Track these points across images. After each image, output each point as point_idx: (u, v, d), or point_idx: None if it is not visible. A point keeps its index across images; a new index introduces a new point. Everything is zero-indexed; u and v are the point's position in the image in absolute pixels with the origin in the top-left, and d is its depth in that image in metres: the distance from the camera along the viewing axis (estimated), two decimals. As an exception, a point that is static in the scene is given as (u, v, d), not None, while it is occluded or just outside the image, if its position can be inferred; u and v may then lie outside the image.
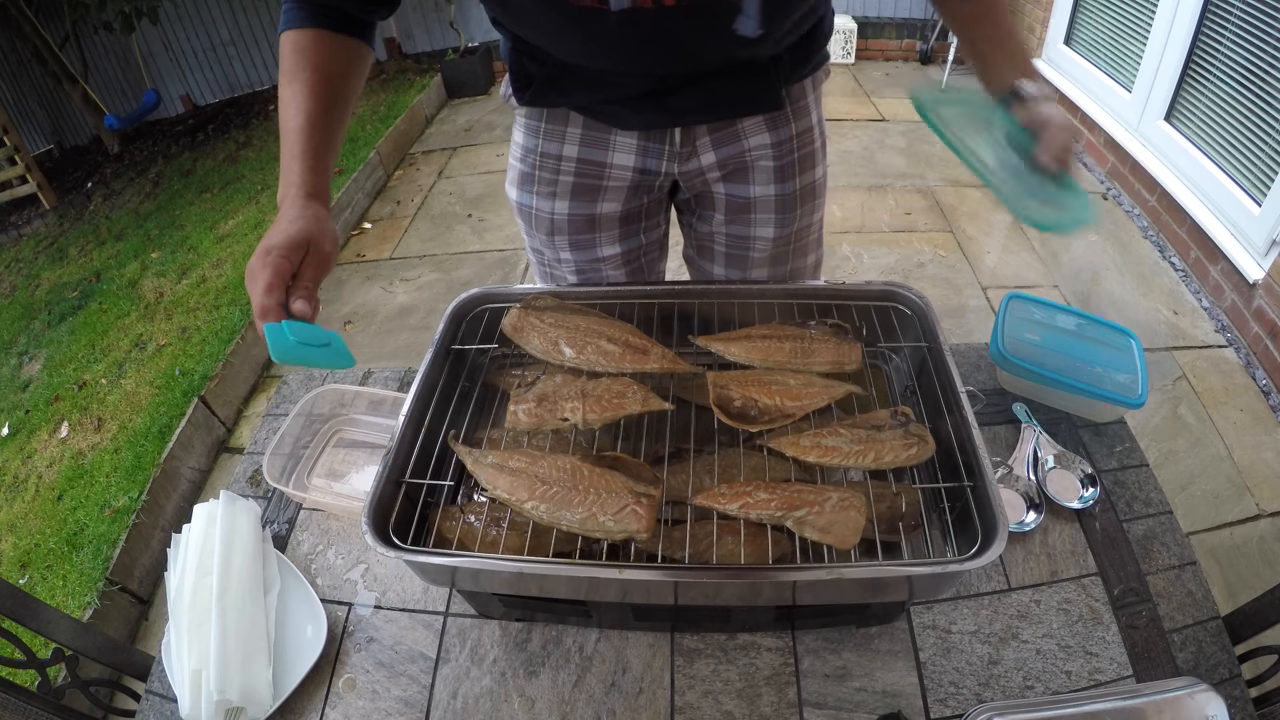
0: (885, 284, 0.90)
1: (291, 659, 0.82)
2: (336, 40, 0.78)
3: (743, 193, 1.02)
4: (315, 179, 0.73)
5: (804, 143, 0.99)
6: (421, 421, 0.80)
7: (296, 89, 0.75)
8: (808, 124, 0.99)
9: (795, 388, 0.81)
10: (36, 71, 4.19)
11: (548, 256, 1.10)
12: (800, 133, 0.98)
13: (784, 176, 1.00)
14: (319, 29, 0.77)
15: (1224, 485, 1.92)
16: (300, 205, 0.70)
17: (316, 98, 0.75)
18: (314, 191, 0.72)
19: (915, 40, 4.49)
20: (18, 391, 2.68)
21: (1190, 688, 0.65)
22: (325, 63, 0.77)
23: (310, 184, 0.72)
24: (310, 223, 0.69)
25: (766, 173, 0.99)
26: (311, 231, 0.68)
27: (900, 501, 0.78)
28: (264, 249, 0.66)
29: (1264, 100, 2.33)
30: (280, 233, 0.67)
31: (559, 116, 0.96)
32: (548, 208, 1.03)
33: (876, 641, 0.81)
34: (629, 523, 0.68)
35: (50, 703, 0.89)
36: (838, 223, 3.03)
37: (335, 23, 0.78)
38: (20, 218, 4.00)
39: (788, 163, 0.99)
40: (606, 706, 0.78)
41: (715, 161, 0.97)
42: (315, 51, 0.77)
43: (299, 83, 0.75)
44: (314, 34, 0.77)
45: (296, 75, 0.75)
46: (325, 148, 0.75)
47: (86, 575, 1.84)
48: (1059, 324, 1.04)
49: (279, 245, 0.66)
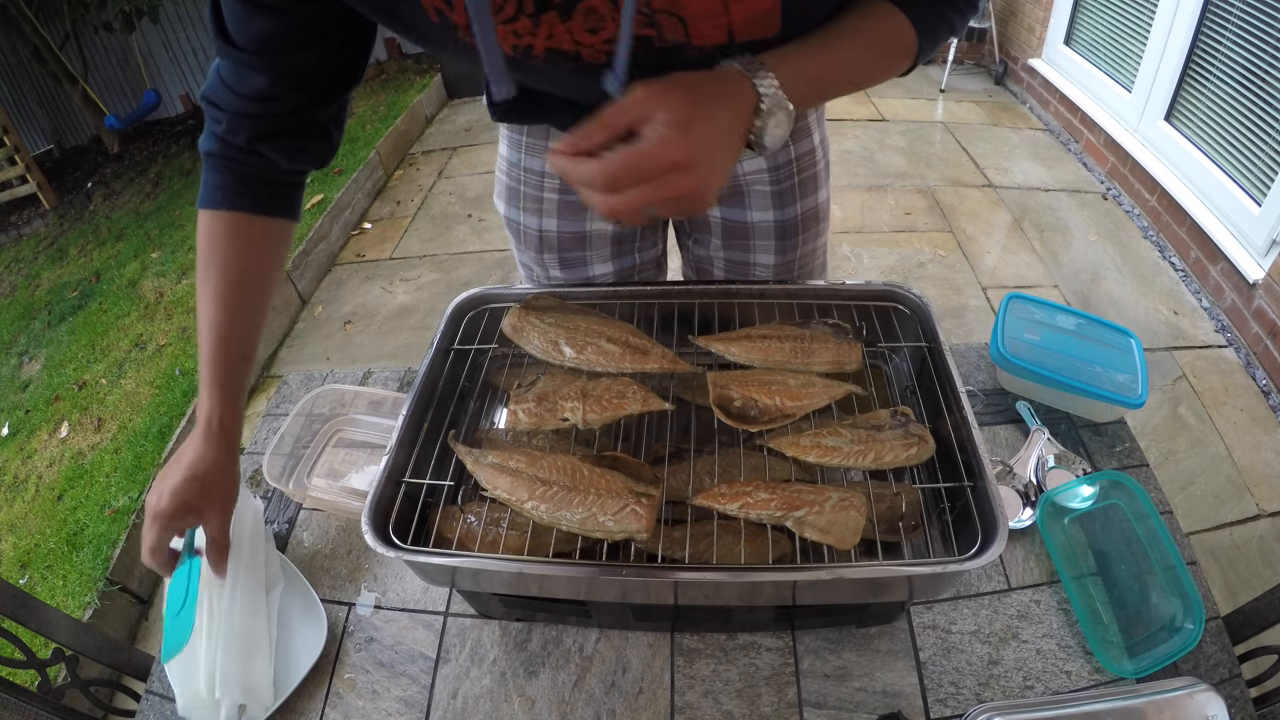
0: (885, 284, 0.90)
1: (291, 659, 0.82)
2: (253, 226, 0.73)
3: (739, 217, 0.98)
4: (223, 409, 0.72)
5: (805, 165, 0.95)
6: (421, 421, 0.80)
7: (207, 293, 0.72)
8: (809, 145, 0.94)
9: (795, 388, 0.81)
10: (36, 71, 4.19)
11: (537, 273, 1.07)
12: (800, 155, 0.93)
13: (783, 202, 0.96)
14: (234, 212, 0.72)
15: (1224, 485, 1.92)
16: (198, 452, 0.71)
17: (226, 306, 0.72)
18: (222, 426, 0.72)
19: (915, 40, 4.48)
20: (18, 391, 2.68)
21: (1190, 688, 0.65)
22: (238, 259, 0.72)
23: (219, 416, 0.72)
24: (197, 485, 0.70)
25: (764, 197, 0.95)
26: (193, 496, 0.70)
27: (900, 501, 0.78)
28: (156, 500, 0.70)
29: (1264, 100, 2.33)
30: (163, 492, 0.70)
31: (539, 132, 0.92)
32: (535, 224, 0.99)
33: (876, 641, 0.81)
34: (629, 523, 0.68)
35: (50, 703, 0.89)
36: (838, 223, 3.03)
37: (254, 196, 0.72)
38: (20, 218, 4.00)
39: (787, 187, 0.94)
40: (606, 706, 0.78)
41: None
42: (228, 246, 0.72)
43: (209, 285, 0.72)
44: (228, 221, 0.72)
45: (208, 275, 0.72)
46: (237, 366, 0.73)
47: (86, 575, 1.84)
48: (1059, 324, 1.04)
49: (152, 513, 0.70)
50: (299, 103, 0.69)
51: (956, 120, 3.79)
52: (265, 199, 0.73)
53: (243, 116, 0.68)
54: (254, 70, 0.65)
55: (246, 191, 0.72)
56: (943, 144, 3.57)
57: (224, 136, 0.70)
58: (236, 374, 0.73)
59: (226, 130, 0.69)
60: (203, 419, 0.72)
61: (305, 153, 0.73)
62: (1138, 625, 0.79)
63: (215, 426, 0.71)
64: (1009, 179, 3.27)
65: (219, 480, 0.72)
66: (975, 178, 3.29)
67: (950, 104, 3.96)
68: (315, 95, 0.69)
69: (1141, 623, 0.80)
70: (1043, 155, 3.45)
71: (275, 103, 0.68)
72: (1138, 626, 0.79)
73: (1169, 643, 0.76)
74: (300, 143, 0.72)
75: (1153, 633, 0.78)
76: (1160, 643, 0.77)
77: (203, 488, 0.70)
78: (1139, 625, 0.79)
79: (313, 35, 0.63)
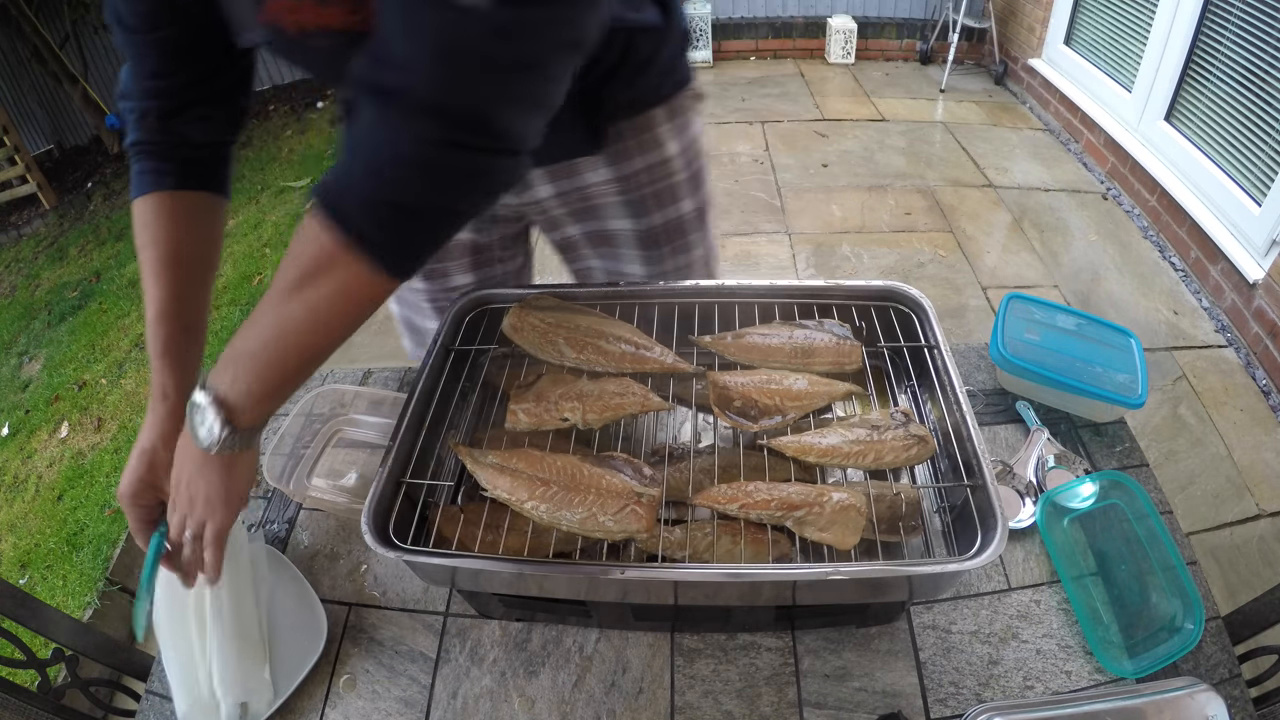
0: (885, 284, 0.90)
1: (292, 659, 0.82)
2: (179, 202, 0.76)
3: (599, 226, 0.98)
4: (166, 379, 0.73)
5: (658, 176, 0.93)
6: (421, 421, 0.80)
7: (146, 272, 0.74)
8: (660, 157, 0.92)
9: (795, 388, 0.81)
10: (36, 71, 4.19)
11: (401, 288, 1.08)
12: (651, 165, 0.92)
13: (638, 211, 0.95)
14: (160, 192, 0.75)
15: (1224, 485, 1.92)
16: (150, 420, 0.73)
17: (163, 282, 0.74)
18: (165, 395, 0.73)
19: (915, 40, 4.49)
20: (18, 391, 2.69)
21: (1190, 688, 0.65)
22: (171, 236, 0.75)
23: (162, 386, 0.73)
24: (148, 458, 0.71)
25: (618, 207, 0.95)
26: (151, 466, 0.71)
27: (900, 501, 0.78)
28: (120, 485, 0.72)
29: (1264, 100, 2.33)
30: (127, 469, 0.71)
31: None
32: None
33: (876, 641, 0.81)
34: (629, 523, 0.68)
35: (50, 703, 0.89)
36: (838, 223, 3.04)
37: (176, 174, 0.75)
38: (20, 218, 3.99)
39: (637, 198, 0.94)
40: (606, 706, 0.78)
41: (554, 195, 0.93)
42: (158, 225, 0.74)
43: (146, 265, 0.74)
44: (156, 201, 0.75)
45: (144, 255, 0.74)
46: (179, 338, 0.75)
47: (86, 575, 1.84)
48: (1059, 324, 1.04)
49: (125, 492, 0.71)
50: (199, 73, 0.73)
51: (956, 120, 3.79)
52: (188, 175, 0.76)
53: (150, 99, 0.73)
54: (151, 50, 0.70)
55: (168, 170, 0.75)
56: (943, 144, 3.57)
57: (139, 124, 0.74)
58: (179, 344, 0.74)
59: (140, 118, 0.73)
60: (154, 393, 0.73)
61: (213, 121, 0.77)
62: (1138, 625, 0.79)
63: (160, 395, 0.73)
64: (1009, 179, 3.27)
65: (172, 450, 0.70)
66: (975, 178, 3.29)
67: (950, 104, 3.96)
68: (213, 64, 0.73)
69: (1141, 623, 0.80)
70: (1043, 155, 3.45)
71: (175, 77, 0.72)
72: (1138, 626, 0.79)
73: (1169, 643, 0.76)
74: (207, 111, 0.75)
75: (1153, 633, 0.78)
76: (1160, 643, 0.77)
77: (153, 461, 0.71)
78: (1139, 625, 0.79)
79: (197, 6, 0.67)
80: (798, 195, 3.23)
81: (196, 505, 0.66)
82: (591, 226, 0.99)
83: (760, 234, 2.99)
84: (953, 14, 3.93)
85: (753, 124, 3.85)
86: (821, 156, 3.52)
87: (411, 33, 0.48)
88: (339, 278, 0.55)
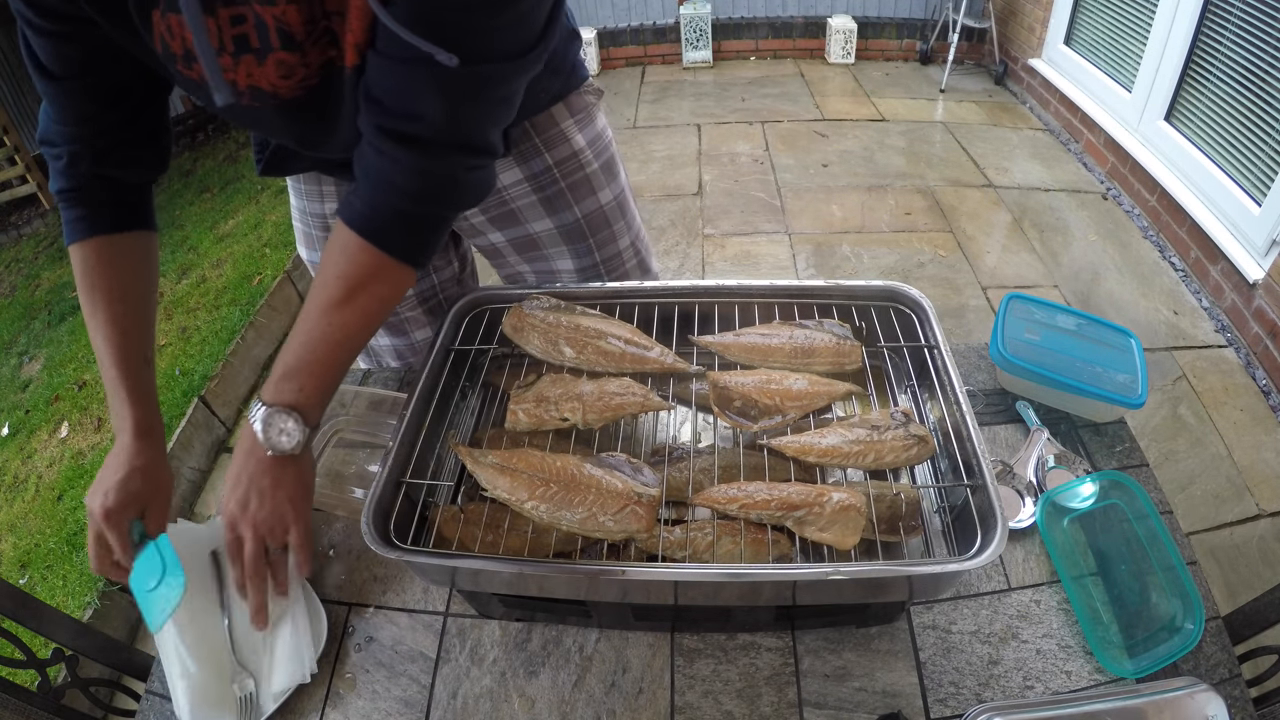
0: (885, 284, 0.90)
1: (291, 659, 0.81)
2: (117, 245, 0.78)
3: (520, 232, 1.00)
4: (138, 412, 0.76)
5: (568, 171, 0.96)
6: (421, 421, 0.80)
7: (97, 317, 0.77)
8: (567, 151, 0.95)
9: (795, 388, 0.81)
10: (36, 71, 4.19)
11: None
12: (559, 161, 0.95)
13: (556, 208, 0.98)
14: (97, 237, 0.77)
15: (1224, 485, 1.92)
16: (130, 451, 0.75)
17: (116, 322, 0.77)
18: (144, 428, 0.77)
19: (915, 40, 4.49)
20: (18, 391, 2.68)
21: (1190, 688, 0.65)
22: (116, 279, 0.78)
23: (135, 419, 0.76)
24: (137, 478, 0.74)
25: (534, 207, 0.97)
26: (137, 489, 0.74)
27: (900, 501, 0.78)
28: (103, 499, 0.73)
29: (1264, 100, 2.33)
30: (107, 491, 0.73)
31: (311, 177, 0.97)
32: None
33: (876, 641, 0.81)
34: (629, 523, 0.68)
35: (50, 703, 0.89)
36: (838, 223, 3.04)
37: (110, 219, 0.78)
38: (20, 218, 4.00)
39: (554, 193, 0.97)
40: (606, 706, 0.78)
41: None
42: (101, 270, 0.77)
43: (96, 309, 0.77)
44: (95, 247, 0.77)
45: (92, 299, 0.77)
46: (140, 371, 0.78)
47: (86, 575, 1.83)
48: (1059, 324, 1.04)
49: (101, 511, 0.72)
50: (122, 116, 0.74)
51: (956, 120, 3.79)
52: (121, 218, 0.79)
53: (77, 144, 0.74)
54: (74, 96, 0.71)
55: (102, 215, 0.77)
56: (943, 144, 3.57)
57: (67, 171, 0.75)
58: (142, 377, 0.78)
59: (68, 164, 0.75)
60: (127, 425, 0.76)
61: (140, 162, 0.79)
62: (1138, 625, 0.79)
63: (137, 428, 0.76)
64: (1009, 179, 3.27)
65: (156, 473, 0.77)
66: (975, 178, 3.29)
67: (950, 104, 3.96)
68: (135, 105, 0.75)
69: (1141, 623, 0.80)
70: (1043, 155, 3.45)
71: (99, 121, 0.73)
72: (1138, 626, 0.79)
73: (1169, 643, 0.76)
74: (134, 153, 0.77)
75: (1153, 633, 0.78)
76: (1160, 643, 0.77)
77: (144, 478, 0.75)
78: (1139, 625, 0.79)
79: (115, 52, 0.68)
80: (798, 195, 3.23)
81: (273, 517, 0.70)
82: (514, 234, 1.01)
83: (760, 234, 2.99)
84: (953, 14, 3.94)
85: (753, 124, 3.85)
86: (821, 156, 3.52)
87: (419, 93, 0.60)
88: (388, 281, 0.70)
